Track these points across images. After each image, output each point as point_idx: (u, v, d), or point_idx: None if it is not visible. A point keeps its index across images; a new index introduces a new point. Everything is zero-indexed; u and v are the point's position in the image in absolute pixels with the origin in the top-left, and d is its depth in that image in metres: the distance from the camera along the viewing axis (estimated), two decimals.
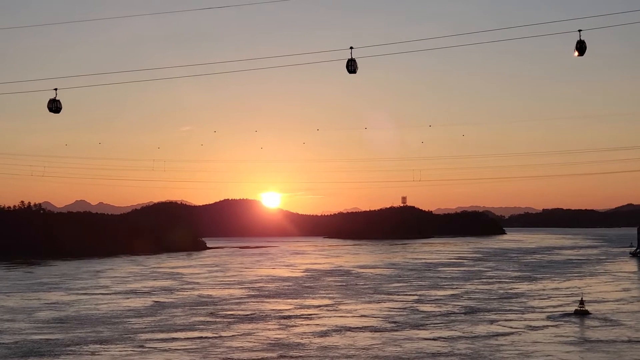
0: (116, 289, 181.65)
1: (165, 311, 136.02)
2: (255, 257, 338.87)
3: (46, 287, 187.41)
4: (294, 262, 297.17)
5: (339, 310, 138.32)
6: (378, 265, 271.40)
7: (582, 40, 63.64)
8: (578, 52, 64.39)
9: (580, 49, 64.12)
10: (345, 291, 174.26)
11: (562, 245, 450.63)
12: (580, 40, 63.63)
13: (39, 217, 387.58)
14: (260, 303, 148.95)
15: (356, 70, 69.90)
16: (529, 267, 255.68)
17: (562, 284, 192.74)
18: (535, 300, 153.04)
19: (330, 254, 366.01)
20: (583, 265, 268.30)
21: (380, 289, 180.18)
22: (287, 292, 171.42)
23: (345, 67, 69.76)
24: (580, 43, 63.80)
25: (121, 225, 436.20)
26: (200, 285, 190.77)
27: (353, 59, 69.22)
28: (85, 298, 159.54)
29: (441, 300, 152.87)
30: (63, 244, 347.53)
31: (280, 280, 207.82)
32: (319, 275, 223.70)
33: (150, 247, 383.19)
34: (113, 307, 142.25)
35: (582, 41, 63.71)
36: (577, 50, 64.37)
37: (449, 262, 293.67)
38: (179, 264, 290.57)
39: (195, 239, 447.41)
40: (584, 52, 64.23)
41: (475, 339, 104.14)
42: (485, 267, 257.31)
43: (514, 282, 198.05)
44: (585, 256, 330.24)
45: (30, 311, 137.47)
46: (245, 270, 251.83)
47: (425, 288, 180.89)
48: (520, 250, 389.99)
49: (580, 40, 63.63)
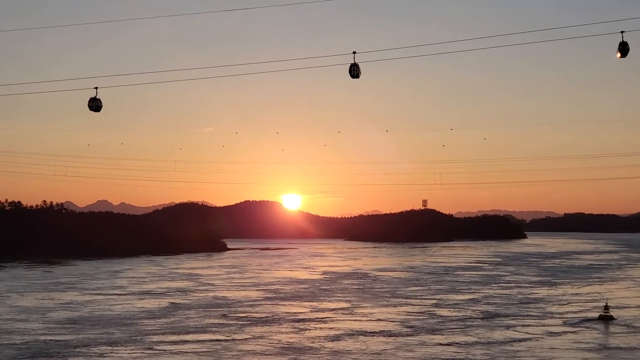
0: (132, 289, 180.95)
1: (178, 313, 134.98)
2: (273, 259, 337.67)
3: (62, 286, 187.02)
4: (312, 265, 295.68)
5: (354, 313, 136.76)
6: (396, 269, 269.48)
7: (624, 41, 62.79)
8: (621, 54, 63.57)
9: (622, 50, 63.31)
10: (362, 294, 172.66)
11: (583, 250, 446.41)
12: (623, 41, 62.79)
13: (60, 217, 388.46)
14: (275, 306, 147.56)
15: (359, 75, 69.25)
16: (549, 272, 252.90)
17: (582, 289, 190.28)
18: (555, 306, 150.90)
19: (349, 257, 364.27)
20: (604, 270, 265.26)
21: (398, 292, 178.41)
22: (303, 295, 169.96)
23: (348, 72, 69.22)
24: (623, 44, 62.95)
25: (142, 225, 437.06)
26: (216, 287, 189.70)
27: (356, 63, 68.78)
28: (100, 298, 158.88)
29: (458, 305, 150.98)
30: (84, 243, 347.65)
31: (296, 282, 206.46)
32: (336, 278, 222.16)
33: (171, 248, 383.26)
34: (127, 308, 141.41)
35: (624, 42, 62.86)
36: (619, 52, 63.55)
37: (468, 265, 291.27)
38: (198, 265, 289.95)
39: (216, 240, 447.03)
40: (627, 53, 63.33)
41: (491, 345, 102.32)
42: (504, 272, 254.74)
43: (533, 286, 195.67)
44: (605, 261, 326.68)
45: (44, 311, 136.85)
46: (262, 272, 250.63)
47: (443, 292, 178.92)
48: (540, 255, 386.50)
49: (622, 41, 62.80)
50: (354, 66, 68.92)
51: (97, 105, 77.17)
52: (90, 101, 76.79)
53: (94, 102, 76.93)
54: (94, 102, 77.00)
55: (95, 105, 77.08)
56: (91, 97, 76.70)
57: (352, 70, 69.16)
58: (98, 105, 77.12)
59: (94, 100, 76.84)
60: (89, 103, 76.94)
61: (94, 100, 76.82)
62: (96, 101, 76.91)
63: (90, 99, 76.67)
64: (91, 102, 76.88)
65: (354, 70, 69.14)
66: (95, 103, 77.03)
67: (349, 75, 69.75)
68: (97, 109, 77.24)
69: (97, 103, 77.06)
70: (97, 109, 77.19)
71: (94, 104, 77.02)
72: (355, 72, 69.17)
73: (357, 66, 68.85)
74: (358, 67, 68.84)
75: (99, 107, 77.25)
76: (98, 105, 77.12)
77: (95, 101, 76.89)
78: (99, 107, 77.22)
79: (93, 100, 76.85)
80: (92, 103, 77.05)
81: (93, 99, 76.79)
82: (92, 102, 76.97)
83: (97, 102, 76.98)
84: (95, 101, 76.89)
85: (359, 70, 69.05)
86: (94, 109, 77.21)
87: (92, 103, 77.05)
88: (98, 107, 77.23)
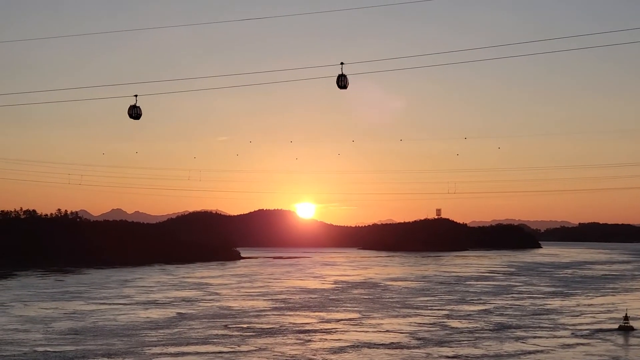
0: (138, 299, 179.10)
1: (182, 323, 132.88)
2: (285, 268, 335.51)
3: (69, 296, 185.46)
4: (323, 274, 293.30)
5: (362, 324, 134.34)
6: (408, 278, 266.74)
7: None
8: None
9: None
10: (371, 304, 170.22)
11: (597, 260, 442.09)
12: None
13: (75, 226, 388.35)
14: (281, 316, 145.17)
15: (347, 85, 68.73)
16: (562, 282, 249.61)
17: (596, 299, 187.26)
18: (567, 317, 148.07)
19: (361, 266, 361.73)
20: (618, 280, 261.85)
21: (407, 302, 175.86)
22: (311, 305, 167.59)
23: (336, 82, 68.62)
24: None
25: (156, 234, 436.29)
26: (223, 296, 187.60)
27: (344, 74, 68.34)
28: (105, 308, 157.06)
29: (469, 316, 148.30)
30: (98, 252, 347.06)
31: (306, 292, 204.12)
32: (346, 288, 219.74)
33: (185, 256, 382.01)
34: (131, 318, 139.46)
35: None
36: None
37: (480, 275, 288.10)
38: (209, 273, 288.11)
39: (230, 249, 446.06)
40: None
41: (500, 358, 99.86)
42: (517, 282, 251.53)
43: (546, 297, 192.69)
44: (620, 271, 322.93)
45: (48, 321, 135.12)
46: (273, 281, 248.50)
47: (454, 302, 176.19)
48: (553, 265, 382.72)
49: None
50: (342, 77, 68.65)
51: (137, 113, 77.21)
52: (130, 109, 76.81)
53: (133, 109, 76.99)
54: (134, 110, 77.04)
55: (135, 113, 77.12)
56: (131, 105, 76.73)
57: (340, 80, 68.77)
58: (138, 112, 77.15)
59: (133, 108, 76.86)
60: (129, 111, 76.92)
61: (133, 107, 76.82)
62: (136, 109, 76.90)
63: (130, 106, 76.70)
64: (131, 109, 76.92)
65: (342, 80, 68.78)
66: (135, 111, 77.06)
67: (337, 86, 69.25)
68: (137, 117, 77.29)
69: (136, 111, 77.08)
70: (137, 116, 77.26)
71: (134, 111, 77.09)
72: (343, 82, 68.91)
73: (344, 77, 68.66)
74: (346, 77, 68.75)
75: (138, 115, 77.29)
76: (138, 112, 77.15)
77: (135, 109, 76.89)
78: (138, 114, 77.27)
79: (133, 108, 76.87)
80: (132, 111, 77.09)
81: (133, 107, 76.79)
82: (132, 109, 77.01)
83: (136, 109, 77.00)
84: (135, 109, 76.89)
85: (347, 81, 68.90)
86: (134, 117, 77.29)
87: (132, 111, 77.09)
88: (138, 115, 77.27)
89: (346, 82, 68.78)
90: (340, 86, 68.86)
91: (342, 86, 68.84)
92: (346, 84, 68.89)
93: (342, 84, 68.82)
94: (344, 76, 68.51)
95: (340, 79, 68.64)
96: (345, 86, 68.92)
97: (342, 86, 68.84)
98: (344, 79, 68.60)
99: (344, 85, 68.91)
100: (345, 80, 68.63)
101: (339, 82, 68.68)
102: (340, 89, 69.10)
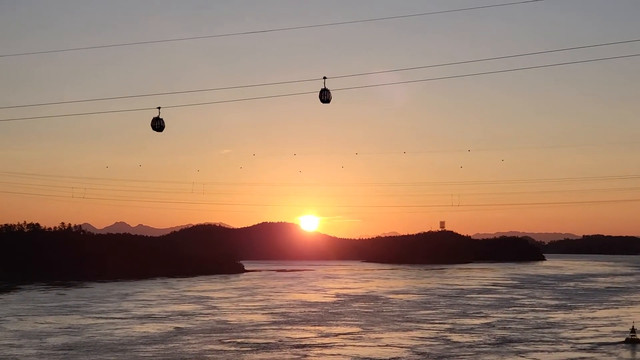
0: (136, 313, 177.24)
1: (178, 338, 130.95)
2: (286, 281, 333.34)
3: (67, 310, 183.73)
4: (324, 287, 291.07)
5: (361, 338, 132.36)
6: (410, 291, 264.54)
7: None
8: None
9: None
10: (371, 318, 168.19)
11: (601, 273, 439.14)
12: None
13: (78, 239, 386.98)
14: (279, 330, 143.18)
15: (330, 99, 68.65)
16: (565, 295, 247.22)
17: (599, 312, 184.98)
18: (570, 331, 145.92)
19: (364, 278, 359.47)
20: (621, 293, 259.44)
21: (408, 316, 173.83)
22: (310, 319, 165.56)
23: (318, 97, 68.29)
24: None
25: (160, 247, 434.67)
26: (222, 310, 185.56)
27: (326, 88, 68.30)
28: (101, 322, 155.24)
29: (469, 330, 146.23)
30: (102, 266, 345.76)
31: (306, 305, 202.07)
32: (347, 301, 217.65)
33: (188, 270, 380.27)
34: (127, 333, 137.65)
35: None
36: None
37: (483, 288, 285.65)
38: (211, 287, 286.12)
39: (233, 262, 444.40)
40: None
41: None
42: (519, 295, 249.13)
43: (549, 310, 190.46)
44: (623, 284, 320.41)
45: (43, 336, 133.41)
46: (273, 294, 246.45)
47: (455, 316, 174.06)
48: (557, 277, 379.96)
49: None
50: (325, 91, 68.44)
51: (160, 125, 77.52)
52: (154, 121, 77.05)
53: (156, 121, 77.28)
54: (157, 122, 77.33)
55: (158, 124, 77.48)
56: (154, 117, 76.97)
57: (323, 95, 68.42)
58: (161, 124, 77.49)
59: (157, 120, 77.14)
60: (152, 123, 77.20)
61: (157, 120, 77.09)
62: (159, 121, 77.33)
63: (154, 118, 76.96)
64: (154, 121, 77.17)
65: (324, 95, 68.46)
66: (158, 123, 77.45)
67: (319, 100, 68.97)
68: (159, 129, 77.64)
69: (160, 123, 77.48)
70: (159, 128, 77.61)
71: (157, 123, 77.36)
72: (326, 96, 68.75)
73: (327, 91, 68.52)
74: (329, 92, 68.61)
75: (161, 127, 77.59)
76: (161, 124, 77.49)
77: (158, 121, 77.29)
78: (162, 126, 77.56)
79: (156, 120, 77.14)
80: (155, 123, 77.34)
81: (156, 119, 77.07)
82: (155, 121, 77.26)
83: (160, 121, 77.41)
84: (158, 121, 77.29)
85: (330, 95, 68.91)
86: (157, 129, 77.61)
87: (155, 123, 77.34)
88: (161, 127, 77.59)
89: (329, 96, 68.61)
90: (323, 100, 68.65)
91: (325, 100, 68.68)
92: (329, 97, 68.69)
93: (325, 98, 68.65)
94: (326, 90, 68.37)
95: (323, 93, 68.40)
96: (328, 100, 68.73)
97: (325, 100, 68.68)
98: (327, 93, 68.45)
99: (327, 99, 68.75)
100: (328, 94, 68.42)
101: (322, 96, 68.46)
102: (322, 103, 68.88)
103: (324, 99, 68.80)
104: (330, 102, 69.32)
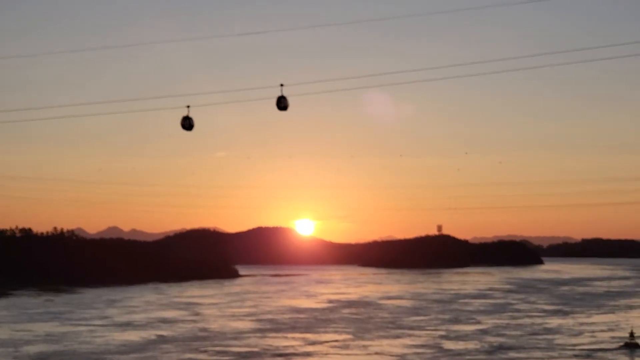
0: (118, 319, 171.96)
1: (157, 346, 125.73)
2: (279, 286, 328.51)
3: (48, 316, 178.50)
4: (316, 292, 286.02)
5: (349, 346, 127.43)
6: (403, 296, 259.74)
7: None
8: None
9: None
10: (361, 324, 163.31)
11: (599, 276, 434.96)
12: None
13: (71, 243, 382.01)
14: (263, 338, 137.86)
15: (287, 107, 68.07)
16: (562, 300, 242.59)
17: (597, 317, 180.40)
18: (566, 336, 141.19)
19: (358, 283, 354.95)
20: (619, 297, 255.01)
21: (400, 322, 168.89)
22: (298, 326, 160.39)
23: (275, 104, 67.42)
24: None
25: (153, 252, 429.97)
26: (207, 317, 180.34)
27: (283, 95, 68.03)
28: (81, 330, 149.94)
29: (463, 337, 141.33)
30: (94, 271, 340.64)
31: (295, 311, 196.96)
32: (338, 307, 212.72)
33: (181, 275, 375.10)
34: (106, 341, 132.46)
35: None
36: None
37: (478, 293, 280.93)
38: (202, 292, 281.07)
39: (228, 267, 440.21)
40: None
41: None
42: (515, 299, 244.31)
43: (545, 315, 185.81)
44: (621, 287, 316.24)
45: (18, 344, 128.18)
46: (264, 300, 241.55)
47: (448, 322, 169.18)
48: (554, 281, 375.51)
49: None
50: (282, 98, 67.70)
51: (190, 124, 77.19)
52: (183, 120, 76.61)
53: (186, 120, 76.75)
54: (187, 121, 76.82)
55: (188, 123, 77.15)
56: (184, 116, 76.24)
57: (280, 102, 67.53)
58: (191, 123, 77.16)
59: (186, 119, 76.59)
60: (182, 121, 76.76)
61: (186, 118, 76.51)
62: (189, 120, 76.80)
63: (183, 117, 76.47)
64: (184, 120, 76.72)
65: (282, 102, 67.65)
66: (188, 122, 77.02)
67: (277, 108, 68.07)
68: (189, 128, 77.33)
69: (189, 122, 77.03)
70: (189, 127, 77.32)
71: (187, 122, 76.89)
72: (283, 104, 68.06)
73: (284, 98, 67.81)
74: (286, 99, 67.98)
75: (191, 126, 77.28)
76: (191, 123, 77.16)
77: (187, 120, 76.78)
78: (191, 125, 77.23)
79: (185, 119, 76.60)
80: (185, 122, 76.84)
81: (185, 118, 76.42)
82: (185, 120, 76.74)
83: (189, 120, 76.90)
84: (187, 120, 76.78)
85: (287, 102, 68.44)
86: (187, 128, 77.14)
87: (185, 122, 76.84)
88: (191, 126, 77.30)
89: (286, 103, 68.25)
90: (280, 107, 67.76)
91: (282, 107, 67.95)
92: (286, 105, 68.28)
93: (282, 105, 68.02)
94: (283, 97, 68.14)
95: (280, 100, 67.89)
96: (285, 107, 68.18)
97: (282, 107, 67.95)
98: (284, 100, 68.18)
99: (284, 107, 68.12)
100: (285, 101, 68.00)
101: (279, 104, 67.76)
102: (280, 110, 67.93)
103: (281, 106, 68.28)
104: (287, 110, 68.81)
